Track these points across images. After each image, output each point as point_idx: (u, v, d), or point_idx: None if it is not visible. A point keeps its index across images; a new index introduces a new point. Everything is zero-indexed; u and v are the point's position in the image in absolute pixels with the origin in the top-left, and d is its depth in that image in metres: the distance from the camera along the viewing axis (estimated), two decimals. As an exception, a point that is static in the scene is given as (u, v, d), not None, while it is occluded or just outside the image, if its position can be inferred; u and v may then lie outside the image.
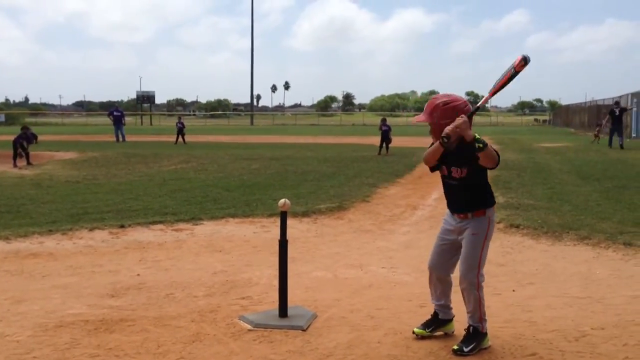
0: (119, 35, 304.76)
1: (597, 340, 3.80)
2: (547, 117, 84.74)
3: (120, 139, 28.22)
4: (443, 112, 3.56)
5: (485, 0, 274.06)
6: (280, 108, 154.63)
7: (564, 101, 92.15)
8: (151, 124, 71.10)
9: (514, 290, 4.96)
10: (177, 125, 27.42)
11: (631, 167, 15.15)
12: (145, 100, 77.28)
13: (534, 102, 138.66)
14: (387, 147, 19.91)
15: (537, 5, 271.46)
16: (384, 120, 20.69)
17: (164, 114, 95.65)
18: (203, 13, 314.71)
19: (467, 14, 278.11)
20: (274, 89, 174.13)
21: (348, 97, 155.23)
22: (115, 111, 29.84)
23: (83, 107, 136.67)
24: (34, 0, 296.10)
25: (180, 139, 26.30)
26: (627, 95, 33.42)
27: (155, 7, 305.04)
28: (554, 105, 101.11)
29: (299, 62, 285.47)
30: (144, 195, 10.06)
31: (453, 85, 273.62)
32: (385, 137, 19.96)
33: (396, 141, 21.08)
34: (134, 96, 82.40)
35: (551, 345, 3.73)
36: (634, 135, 30.76)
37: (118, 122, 28.75)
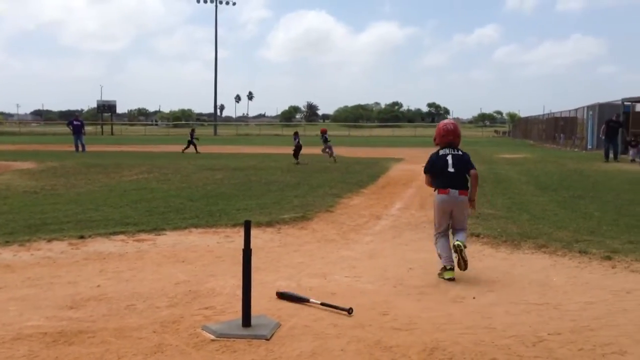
0: (91, 44, 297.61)
1: (554, 345, 3.91)
2: (506, 129, 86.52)
3: (80, 149, 27.71)
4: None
5: (459, 15, 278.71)
6: (244, 118, 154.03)
7: (523, 113, 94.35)
8: (112, 133, 70.06)
9: (474, 298, 5.05)
10: (190, 134, 28.97)
11: (587, 177, 15.60)
12: (106, 109, 76.19)
13: (494, 114, 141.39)
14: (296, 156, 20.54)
15: (508, 19, 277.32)
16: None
17: (125, 124, 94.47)
18: (181, 22, 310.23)
19: (441, 27, 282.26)
20: (237, 99, 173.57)
21: (312, 108, 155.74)
22: (74, 121, 29.28)
23: (41, 116, 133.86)
24: (9, 8, 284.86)
25: (193, 148, 27.81)
26: (583, 107, 34.45)
27: (134, 16, 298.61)
28: (513, 117, 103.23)
29: (270, 73, 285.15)
30: (105, 206, 9.90)
31: (418, 97, 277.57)
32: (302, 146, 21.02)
33: (359, 152, 21.24)
34: (94, 105, 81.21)
35: (510, 350, 3.81)
36: (589, 146, 31.67)
37: (78, 132, 28.23)
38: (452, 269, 5.59)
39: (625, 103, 27.59)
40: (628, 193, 11.99)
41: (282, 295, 4.94)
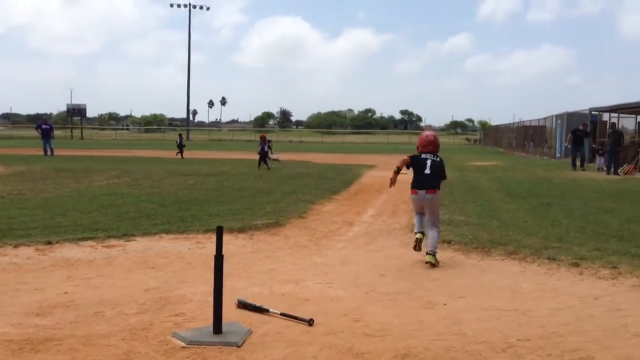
0: (62, 47, 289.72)
1: (523, 351, 3.95)
2: (477, 137, 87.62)
3: (49, 153, 27.25)
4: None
5: (433, 23, 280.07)
6: (216, 124, 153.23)
7: (494, 121, 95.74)
8: (82, 137, 69.11)
9: (445, 304, 5.08)
10: (177, 142, 29.84)
11: (555, 185, 15.87)
12: (76, 113, 75.09)
13: (466, 122, 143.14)
14: (265, 162, 20.72)
15: (481, 28, 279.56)
16: (263, 139, 22.39)
17: (96, 128, 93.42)
18: (154, 26, 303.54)
19: (415, 35, 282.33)
20: (210, 104, 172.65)
21: (285, 114, 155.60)
22: (43, 124, 28.79)
23: (9, 119, 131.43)
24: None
25: (180, 154, 28.45)
26: (552, 116, 35.08)
27: (106, 19, 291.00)
28: (484, 126, 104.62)
29: (244, 78, 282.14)
30: (73, 211, 9.74)
31: (391, 104, 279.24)
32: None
33: (332, 158, 21.28)
34: (64, 109, 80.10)
35: (480, 356, 3.85)
36: (558, 155, 32.24)
37: (46, 136, 27.76)
38: (420, 233, 6.82)
39: (592, 112, 28.16)
40: (595, 201, 12.22)
41: (242, 305, 4.83)
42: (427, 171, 6.78)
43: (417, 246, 6.74)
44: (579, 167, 22.49)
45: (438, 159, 6.92)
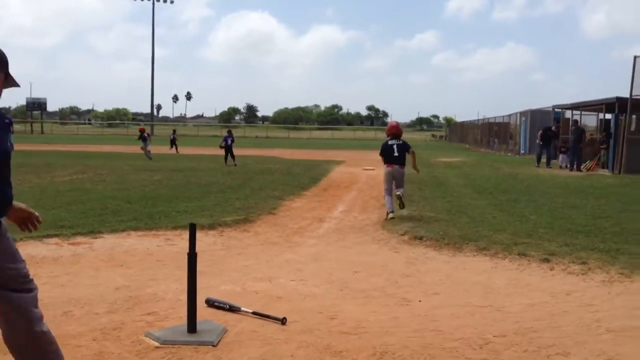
0: (21, 39, 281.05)
1: (499, 347, 3.96)
2: (443, 133, 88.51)
3: (9, 148, 26.53)
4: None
5: (400, 21, 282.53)
6: (182, 119, 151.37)
7: (459, 118, 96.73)
8: (42, 132, 67.52)
9: (420, 301, 5.08)
10: (171, 137, 30.17)
11: (521, 181, 16.10)
12: (36, 107, 73.27)
13: (431, 118, 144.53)
14: (232, 157, 20.51)
15: (447, 26, 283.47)
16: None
17: (56, 122, 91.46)
18: (119, 19, 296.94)
19: (382, 32, 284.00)
20: (175, 99, 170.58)
21: (251, 109, 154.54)
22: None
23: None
24: None
25: (174, 149, 28.65)
26: (516, 114, 35.63)
27: (68, 11, 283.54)
28: (449, 122, 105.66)
29: (209, 73, 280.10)
30: (36, 207, 9.30)
31: (356, 99, 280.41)
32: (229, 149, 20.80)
33: (300, 154, 21.21)
34: (23, 102, 78.13)
35: (457, 353, 3.84)
36: (522, 151, 32.77)
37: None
38: (392, 212, 8.99)
39: (555, 110, 28.66)
40: (560, 197, 12.42)
41: (211, 304, 4.71)
42: (396, 154, 9.26)
43: (388, 217, 8.94)
44: (543, 164, 22.88)
45: (402, 142, 9.40)
